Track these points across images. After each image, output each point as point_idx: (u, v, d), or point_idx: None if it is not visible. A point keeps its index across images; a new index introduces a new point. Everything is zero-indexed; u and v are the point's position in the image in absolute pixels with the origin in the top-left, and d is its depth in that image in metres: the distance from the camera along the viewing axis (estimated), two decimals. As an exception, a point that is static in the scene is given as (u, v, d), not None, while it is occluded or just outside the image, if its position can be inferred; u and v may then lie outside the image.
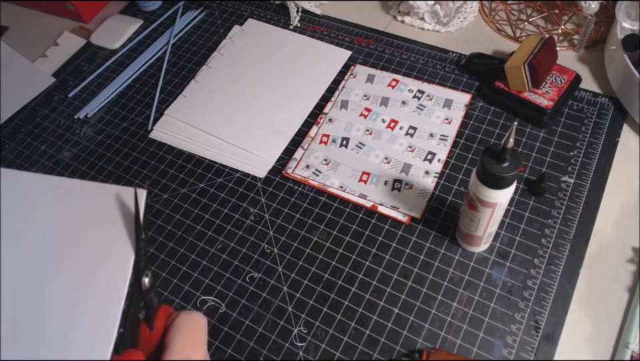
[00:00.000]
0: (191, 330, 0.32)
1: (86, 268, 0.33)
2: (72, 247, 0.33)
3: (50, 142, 0.72)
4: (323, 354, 0.51)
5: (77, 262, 0.33)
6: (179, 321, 0.32)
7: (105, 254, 0.33)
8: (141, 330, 0.32)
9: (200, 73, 0.75)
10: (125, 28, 0.84)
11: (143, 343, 0.32)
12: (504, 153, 0.41)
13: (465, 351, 0.49)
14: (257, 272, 0.56)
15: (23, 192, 0.35)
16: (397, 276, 0.54)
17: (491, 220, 0.48)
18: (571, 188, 0.58)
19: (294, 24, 0.79)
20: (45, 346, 0.30)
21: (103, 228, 0.33)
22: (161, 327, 0.32)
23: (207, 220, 0.61)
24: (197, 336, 0.32)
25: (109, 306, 0.31)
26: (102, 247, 0.33)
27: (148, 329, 0.32)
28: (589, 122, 0.62)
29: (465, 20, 0.76)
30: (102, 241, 0.33)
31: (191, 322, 0.32)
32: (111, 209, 0.34)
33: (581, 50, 0.70)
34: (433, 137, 0.63)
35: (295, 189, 0.62)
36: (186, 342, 0.31)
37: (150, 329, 0.32)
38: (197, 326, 0.32)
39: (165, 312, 0.33)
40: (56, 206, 0.35)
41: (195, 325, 0.32)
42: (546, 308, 0.51)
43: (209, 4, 0.85)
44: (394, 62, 0.72)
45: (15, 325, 0.31)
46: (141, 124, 0.72)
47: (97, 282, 0.32)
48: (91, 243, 0.33)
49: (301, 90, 0.71)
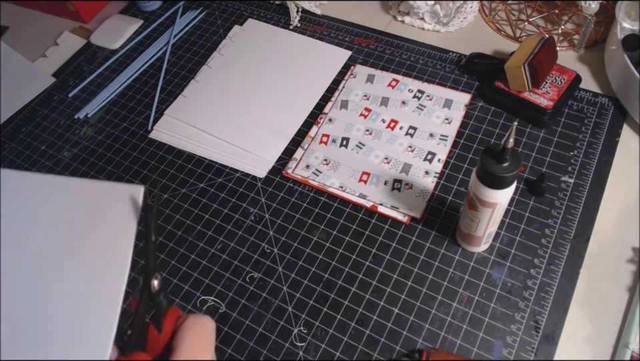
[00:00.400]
0: (199, 333, 0.32)
1: (86, 266, 0.33)
2: (72, 246, 0.33)
3: (50, 142, 0.72)
4: (323, 354, 0.51)
5: (77, 261, 0.33)
6: (187, 324, 0.32)
7: (104, 253, 0.33)
8: (149, 331, 0.32)
9: (200, 73, 0.75)
10: (125, 28, 0.84)
11: (151, 345, 0.32)
12: (504, 153, 0.41)
13: (465, 351, 0.49)
14: (256, 272, 0.56)
15: (24, 192, 0.35)
16: (397, 276, 0.54)
17: (491, 220, 0.48)
18: (570, 188, 0.58)
19: (294, 24, 0.79)
20: (45, 346, 0.30)
21: (104, 226, 0.33)
22: (169, 329, 0.32)
23: (207, 220, 0.61)
24: (205, 340, 0.32)
25: (107, 306, 0.31)
26: (102, 246, 0.33)
27: (156, 331, 0.32)
28: (589, 122, 0.62)
29: (465, 20, 0.76)
30: (102, 240, 0.33)
31: (199, 326, 0.32)
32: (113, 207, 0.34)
33: (581, 50, 0.70)
34: (432, 137, 0.63)
35: (294, 189, 0.62)
36: (194, 345, 0.31)
37: (159, 331, 0.32)
38: (205, 330, 0.32)
39: (174, 314, 0.33)
40: (57, 205, 0.35)
41: (203, 329, 0.32)
42: (546, 308, 0.51)
43: (209, 4, 0.85)
44: (394, 62, 0.72)
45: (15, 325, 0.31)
46: (140, 124, 0.72)
47: (96, 281, 0.32)
48: (91, 242, 0.33)
49: (301, 90, 0.71)
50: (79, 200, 0.35)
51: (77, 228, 0.34)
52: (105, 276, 0.32)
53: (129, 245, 0.33)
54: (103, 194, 0.34)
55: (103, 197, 0.34)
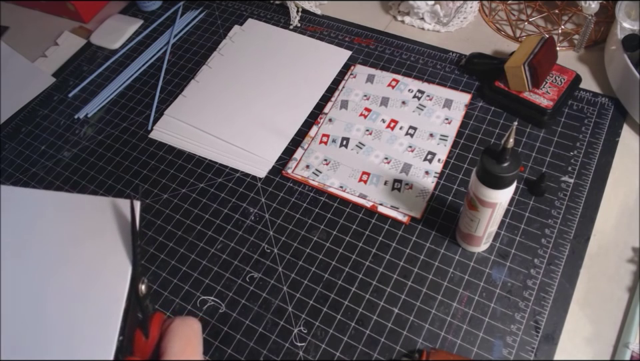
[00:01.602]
0: (187, 334, 0.32)
1: (87, 275, 0.33)
2: (73, 256, 0.34)
3: (50, 142, 0.72)
4: (323, 354, 0.51)
5: (78, 270, 0.34)
6: (173, 326, 0.32)
7: (104, 260, 0.34)
8: (136, 337, 0.32)
9: (200, 73, 0.75)
10: (125, 28, 0.84)
11: (139, 351, 0.32)
12: (504, 153, 0.41)
13: (465, 351, 0.49)
14: (256, 272, 0.56)
15: (23, 207, 0.36)
16: (397, 276, 0.54)
17: (491, 220, 0.48)
18: (570, 188, 0.58)
19: (294, 24, 0.79)
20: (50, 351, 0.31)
21: (100, 237, 0.35)
22: (156, 334, 0.32)
23: (207, 220, 0.61)
24: (193, 341, 0.32)
25: (110, 308, 0.32)
26: (101, 254, 0.34)
27: (144, 337, 0.32)
28: (589, 122, 0.62)
29: (465, 21, 0.76)
30: (101, 248, 0.34)
31: (186, 327, 0.32)
32: (107, 219, 0.35)
33: (581, 50, 0.70)
34: (432, 137, 0.63)
35: (294, 189, 0.62)
36: (182, 347, 0.31)
37: (146, 337, 0.32)
38: (192, 331, 0.32)
39: (160, 319, 0.33)
40: (55, 219, 0.36)
41: (190, 330, 0.32)
42: (546, 308, 0.51)
43: (209, 4, 0.85)
44: (394, 62, 0.72)
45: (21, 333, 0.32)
46: (140, 124, 0.72)
47: (98, 287, 0.33)
48: (90, 251, 0.34)
49: (301, 90, 0.71)
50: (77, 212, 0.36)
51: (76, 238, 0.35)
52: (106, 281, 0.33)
53: (127, 251, 0.34)
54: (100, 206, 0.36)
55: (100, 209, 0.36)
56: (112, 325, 0.31)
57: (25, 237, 0.35)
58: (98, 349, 0.31)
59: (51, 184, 0.67)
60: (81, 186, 0.66)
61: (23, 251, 0.34)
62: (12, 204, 0.36)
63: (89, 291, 0.33)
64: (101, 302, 0.32)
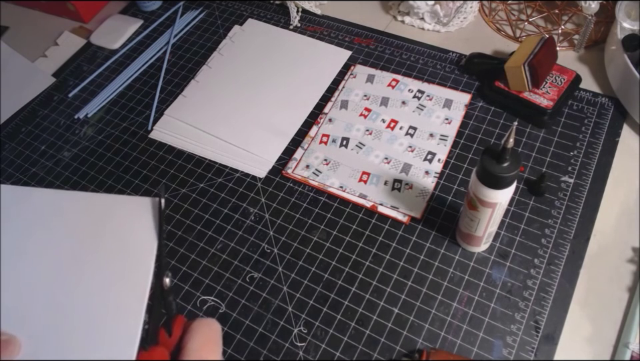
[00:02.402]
0: (207, 333, 0.33)
1: (109, 273, 0.34)
2: (95, 254, 0.35)
3: (50, 142, 0.72)
4: (323, 354, 0.51)
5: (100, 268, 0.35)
6: (194, 325, 0.33)
7: (127, 259, 0.35)
8: (160, 335, 0.33)
9: (200, 73, 0.75)
10: (125, 28, 0.84)
11: (163, 345, 0.33)
12: (504, 153, 0.41)
13: (465, 351, 0.49)
14: (256, 272, 0.56)
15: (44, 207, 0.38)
16: (397, 276, 0.54)
17: (491, 220, 0.48)
18: (570, 188, 0.58)
19: (294, 24, 0.79)
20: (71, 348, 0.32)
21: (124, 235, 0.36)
22: (178, 333, 0.33)
23: (206, 220, 0.61)
24: (213, 339, 0.33)
25: (132, 307, 0.33)
26: (124, 252, 0.35)
27: (167, 335, 0.33)
28: (589, 122, 0.62)
29: (465, 21, 0.76)
30: (123, 247, 0.35)
31: (206, 326, 0.33)
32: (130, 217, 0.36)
33: (581, 50, 0.70)
34: (433, 137, 0.63)
35: (295, 189, 0.62)
36: (201, 344, 0.32)
37: (169, 335, 0.33)
38: (211, 331, 0.33)
39: (182, 320, 0.34)
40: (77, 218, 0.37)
41: (209, 329, 0.33)
42: (546, 308, 0.51)
43: (209, 4, 0.85)
44: (394, 62, 0.72)
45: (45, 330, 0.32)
46: (140, 124, 0.72)
47: (120, 286, 0.34)
48: (113, 249, 0.35)
49: (301, 90, 0.71)
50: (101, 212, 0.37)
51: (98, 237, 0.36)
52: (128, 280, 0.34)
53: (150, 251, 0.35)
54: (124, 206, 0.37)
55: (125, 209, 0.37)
56: (135, 320, 0.32)
57: (50, 236, 0.36)
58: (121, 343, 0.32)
59: (51, 184, 0.67)
60: (80, 186, 0.66)
61: (47, 251, 0.35)
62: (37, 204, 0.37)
63: (112, 288, 0.34)
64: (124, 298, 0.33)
